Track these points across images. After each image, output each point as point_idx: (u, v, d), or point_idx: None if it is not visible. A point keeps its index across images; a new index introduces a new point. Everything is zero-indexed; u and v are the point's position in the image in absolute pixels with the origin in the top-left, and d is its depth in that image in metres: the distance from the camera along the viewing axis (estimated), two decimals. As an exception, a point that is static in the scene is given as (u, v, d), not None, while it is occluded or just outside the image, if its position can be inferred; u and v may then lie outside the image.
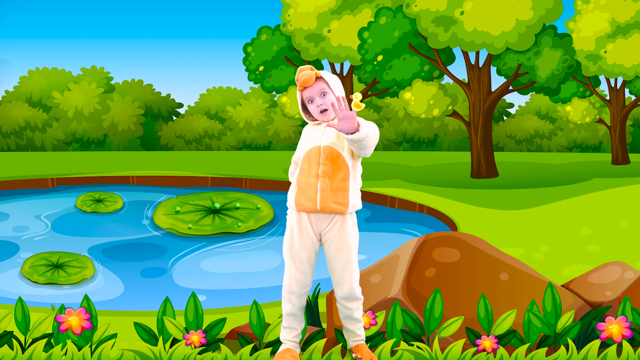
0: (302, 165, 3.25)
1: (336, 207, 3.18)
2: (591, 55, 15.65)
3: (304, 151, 3.26)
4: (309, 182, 3.19)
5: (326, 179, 3.17)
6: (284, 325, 3.40)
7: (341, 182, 3.19)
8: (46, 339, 3.45)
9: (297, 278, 3.29)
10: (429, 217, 10.16)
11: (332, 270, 3.30)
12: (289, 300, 3.33)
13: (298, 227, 3.25)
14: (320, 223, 3.23)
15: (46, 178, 12.81)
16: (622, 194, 10.90)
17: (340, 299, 3.34)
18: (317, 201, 3.17)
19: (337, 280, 3.30)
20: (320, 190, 3.17)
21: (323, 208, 3.18)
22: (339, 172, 3.18)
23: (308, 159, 3.22)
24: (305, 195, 3.20)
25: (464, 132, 21.83)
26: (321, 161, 3.19)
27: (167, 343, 3.44)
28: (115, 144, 21.21)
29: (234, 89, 22.82)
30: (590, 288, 3.94)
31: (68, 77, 21.57)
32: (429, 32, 13.12)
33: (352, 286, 3.29)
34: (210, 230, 9.46)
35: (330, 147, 3.19)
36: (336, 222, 3.22)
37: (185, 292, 4.30)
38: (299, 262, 3.27)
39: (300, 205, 3.22)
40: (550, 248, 7.38)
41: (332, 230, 3.23)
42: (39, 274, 7.40)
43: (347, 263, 3.25)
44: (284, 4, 15.67)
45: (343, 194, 3.19)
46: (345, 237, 3.23)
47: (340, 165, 3.18)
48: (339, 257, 3.25)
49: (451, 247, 3.94)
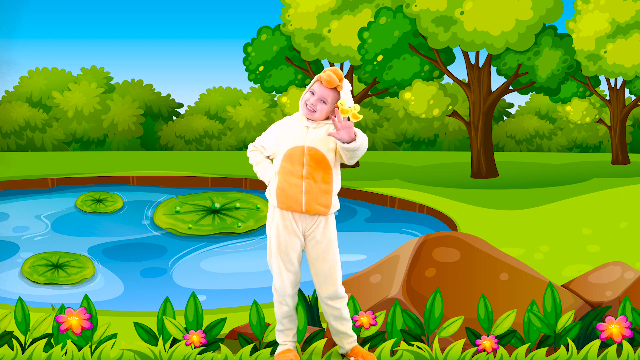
0: (283, 164, 3.23)
1: (320, 209, 3.21)
2: (591, 55, 15.64)
3: (285, 148, 3.23)
4: (293, 182, 3.19)
5: (311, 181, 3.18)
6: (279, 329, 3.38)
7: (325, 185, 3.20)
8: (46, 339, 3.45)
9: (290, 279, 3.28)
10: (429, 217, 10.16)
11: (316, 271, 3.29)
12: (285, 302, 3.30)
13: (284, 229, 3.24)
14: (305, 223, 3.24)
15: (46, 178, 12.81)
16: (622, 194, 10.89)
17: (326, 300, 3.31)
18: (303, 203, 3.18)
19: (322, 280, 3.29)
20: (305, 192, 3.18)
21: (308, 210, 3.19)
22: (323, 174, 3.20)
23: (290, 158, 3.21)
24: (288, 195, 3.20)
25: (464, 132, 21.81)
26: (305, 162, 3.18)
27: (167, 343, 3.44)
28: (115, 144, 21.20)
29: (234, 89, 22.79)
30: (590, 288, 3.94)
31: (68, 77, 21.53)
32: (429, 32, 13.12)
33: (337, 285, 3.30)
34: (210, 230, 9.46)
35: (314, 148, 3.19)
36: (320, 223, 3.24)
37: (185, 292, 4.29)
38: (289, 263, 3.26)
39: (283, 204, 3.22)
40: (550, 248, 7.38)
41: (316, 230, 3.24)
42: (39, 274, 7.40)
43: (334, 262, 3.27)
44: (284, 4, 15.66)
45: (327, 196, 3.22)
46: (329, 237, 3.26)
47: (324, 167, 3.20)
48: (325, 257, 3.26)
49: (451, 247, 3.94)
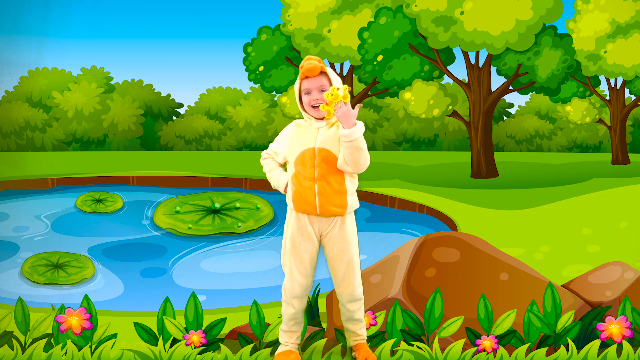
0: (296, 168, 3.21)
1: (336, 210, 3.18)
2: (591, 55, 15.64)
3: (296, 153, 3.21)
4: (306, 185, 3.16)
5: (323, 182, 3.15)
6: (284, 329, 3.37)
7: (338, 185, 3.17)
8: (46, 339, 3.45)
9: (300, 281, 3.25)
10: (429, 217, 10.16)
11: (334, 272, 3.28)
12: (291, 304, 3.29)
13: (299, 231, 3.22)
14: (321, 225, 3.21)
15: (46, 178, 12.81)
16: (622, 194, 10.89)
17: (342, 301, 3.31)
18: (317, 205, 3.16)
19: (339, 281, 3.27)
20: (318, 194, 3.15)
21: (323, 212, 3.17)
22: (335, 175, 3.17)
23: (302, 161, 3.19)
24: (303, 198, 3.18)
25: (464, 132, 21.81)
26: (316, 163, 3.16)
27: (167, 343, 3.43)
28: (115, 144, 21.20)
29: (234, 89, 22.80)
30: (590, 288, 3.93)
31: (68, 77, 21.54)
32: (429, 32, 13.12)
33: (355, 286, 3.28)
34: (210, 230, 9.46)
35: (325, 149, 3.16)
36: (337, 223, 3.21)
37: (185, 292, 4.29)
38: (302, 266, 3.24)
39: (299, 207, 3.20)
40: (550, 248, 7.38)
41: (332, 231, 3.21)
42: (39, 274, 7.40)
43: (351, 262, 3.24)
44: (284, 4, 15.66)
45: (341, 197, 3.18)
46: (346, 237, 3.22)
47: (336, 168, 3.16)
48: (341, 258, 3.23)
49: (451, 247, 3.94)
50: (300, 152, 3.19)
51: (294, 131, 3.26)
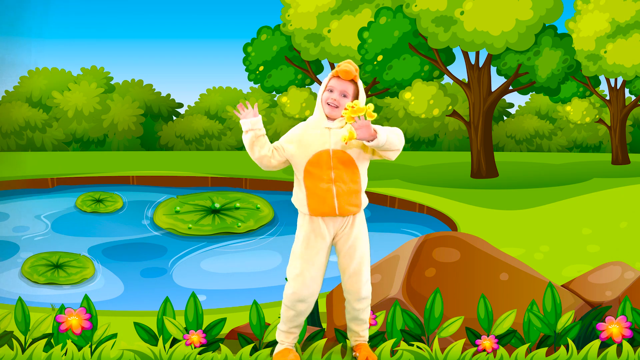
0: (310, 170, 3.20)
1: (352, 209, 3.23)
2: (591, 55, 15.64)
3: (310, 154, 3.20)
4: (324, 187, 3.18)
5: (341, 184, 3.19)
6: (282, 329, 3.36)
7: (354, 185, 3.22)
8: (46, 339, 3.45)
9: (310, 286, 3.25)
10: (429, 217, 10.16)
11: (345, 267, 3.28)
12: (293, 308, 3.28)
13: (313, 233, 3.23)
14: (336, 225, 3.25)
15: (46, 178, 12.81)
16: (622, 194, 10.89)
17: (350, 299, 3.32)
18: (336, 207, 3.19)
19: (347, 278, 3.29)
20: (337, 195, 3.18)
21: (342, 212, 3.20)
22: (351, 175, 3.21)
23: (318, 163, 3.19)
24: (320, 201, 3.19)
25: (464, 132, 21.82)
26: (333, 165, 3.19)
27: (167, 343, 3.44)
28: (115, 144, 21.20)
29: (234, 89, 22.81)
30: (590, 288, 3.93)
31: (68, 77, 21.54)
32: (429, 32, 13.12)
33: (363, 281, 3.29)
34: (210, 230, 9.46)
35: (340, 151, 3.19)
36: (350, 221, 3.26)
37: (185, 292, 4.29)
38: (313, 268, 3.24)
39: (315, 210, 3.21)
40: (550, 248, 7.38)
41: (346, 229, 3.26)
42: (39, 274, 7.40)
43: (361, 260, 3.28)
44: (284, 4, 15.66)
45: (357, 195, 3.24)
46: (358, 234, 3.27)
47: (351, 168, 3.21)
48: (353, 255, 3.26)
49: (451, 247, 3.94)
50: (314, 154, 3.20)
51: (305, 133, 3.25)
